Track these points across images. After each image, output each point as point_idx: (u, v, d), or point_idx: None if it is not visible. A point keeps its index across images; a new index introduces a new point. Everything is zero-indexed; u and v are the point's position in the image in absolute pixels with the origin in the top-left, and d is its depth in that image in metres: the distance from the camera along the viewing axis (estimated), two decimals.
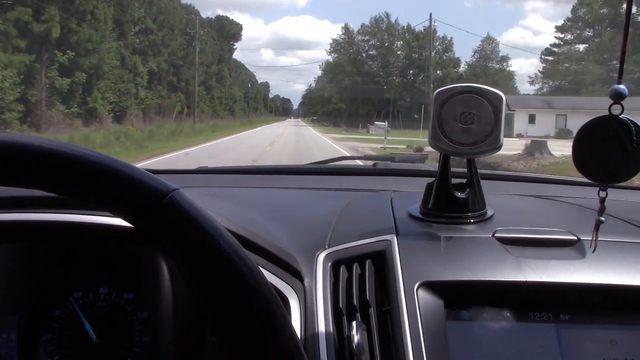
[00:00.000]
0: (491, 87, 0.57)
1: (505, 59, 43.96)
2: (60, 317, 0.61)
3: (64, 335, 0.60)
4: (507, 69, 43.20)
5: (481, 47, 44.46)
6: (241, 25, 58.61)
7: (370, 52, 46.16)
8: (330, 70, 48.53)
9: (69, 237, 0.57)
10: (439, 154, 0.61)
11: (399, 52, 43.96)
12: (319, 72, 70.20)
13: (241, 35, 57.60)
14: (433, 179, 0.63)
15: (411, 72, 44.25)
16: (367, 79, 45.27)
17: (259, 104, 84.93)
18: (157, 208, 0.33)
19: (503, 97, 0.57)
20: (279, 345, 0.33)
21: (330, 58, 48.92)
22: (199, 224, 0.34)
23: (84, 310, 0.61)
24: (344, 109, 47.34)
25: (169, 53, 33.00)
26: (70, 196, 0.34)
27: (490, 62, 43.56)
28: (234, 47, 57.51)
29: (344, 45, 46.97)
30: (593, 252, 0.47)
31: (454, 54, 43.48)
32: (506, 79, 42.23)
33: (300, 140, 20.12)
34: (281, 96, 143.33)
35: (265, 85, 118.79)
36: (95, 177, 0.33)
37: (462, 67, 45.03)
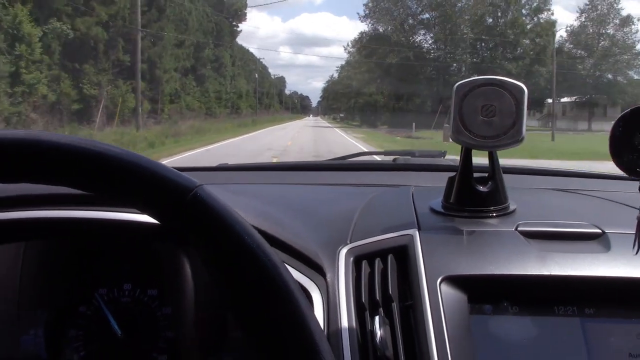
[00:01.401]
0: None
1: (627, 21, 28.82)
2: (86, 313, 0.63)
3: (89, 331, 0.62)
4: (634, 36, 28.25)
5: (590, 5, 29.33)
6: (245, 1, 44.45)
7: (423, 16, 31.10)
8: (367, 42, 33.54)
9: (93, 234, 0.60)
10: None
11: (466, 17, 28.96)
12: (338, 69, 55.86)
13: (246, 15, 43.20)
14: (454, 173, 0.63)
15: (483, 45, 29.23)
16: (419, 54, 30.08)
17: (272, 100, 71.42)
18: (182, 204, 0.34)
19: (525, 89, 0.57)
20: (304, 339, 0.33)
21: (366, 26, 33.76)
22: (224, 220, 0.34)
23: (109, 306, 0.63)
24: (382, 102, 32.42)
25: (111, 14, 18.87)
26: (96, 193, 0.35)
27: (605, 26, 28.44)
28: (238, 29, 43.33)
29: (386, 4, 32.08)
30: (636, 253, 0.45)
31: (552, 14, 28.52)
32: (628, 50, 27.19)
33: None
34: (299, 93, 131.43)
35: (281, 80, 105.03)
36: (121, 174, 0.33)
37: (560, 36, 29.92)
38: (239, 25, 44.53)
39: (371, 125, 33.37)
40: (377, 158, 1.77)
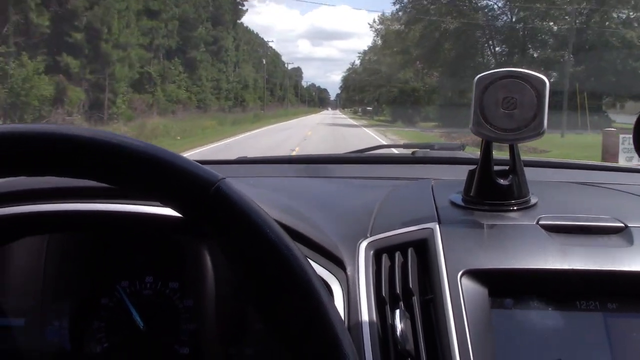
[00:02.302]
0: None
1: None
2: (109, 305, 0.69)
3: (112, 323, 0.68)
4: None
5: None
6: None
7: None
8: (409, 4, 24.51)
9: (115, 226, 0.67)
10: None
11: None
12: (360, 55, 46.12)
13: None
14: (473, 166, 0.68)
15: (583, 5, 19.76)
16: (482, 20, 20.89)
17: (286, 92, 63.24)
18: (205, 197, 0.36)
19: (547, 81, 0.61)
20: (325, 332, 0.35)
21: None
22: (246, 213, 0.36)
23: (131, 299, 0.69)
24: (423, 91, 23.05)
25: None
26: (119, 186, 0.38)
27: None
28: (243, 7, 35.13)
29: None
30: None
31: None
32: None
33: None
34: (317, 85, 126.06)
35: (297, 71, 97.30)
36: (144, 167, 0.36)
37: None
38: (245, 3, 35.84)
39: (408, 122, 24.59)
40: (396, 151, 1.91)
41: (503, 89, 0.59)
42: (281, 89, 69.34)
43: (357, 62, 52.87)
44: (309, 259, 0.49)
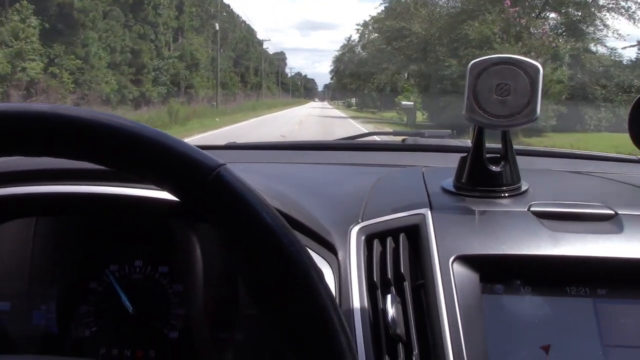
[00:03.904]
0: None
1: None
2: (97, 289, 0.70)
3: (101, 307, 0.70)
4: None
5: None
6: None
7: None
8: None
9: (104, 210, 0.68)
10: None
11: None
12: (359, 27, 30.80)
13: None
14: (464, 154, 0.71)
15: None
16: None
17: (262, 79, 49.13)
18: (204, 183, 0.36)
19: (540, 68, 0.63)
20: (321, 316, 0.35)
21: None
22: (245, 200, 0.36)
23: (120, 283, 0.70)
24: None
25: None
26: (117, 169, 0.37)
27: None
28: None
29: None
30: None
31: None
32: None
33: None
34: (303, 74, 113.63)
35: (281, 56, 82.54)
36: (144, 150, 0.36)
37: None
38: None
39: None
40: (386, 138, 1.91)
41: (497, 75, 0.61)
42: (257, 74, 54.90)
43: (356, 37, 36.95)
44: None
